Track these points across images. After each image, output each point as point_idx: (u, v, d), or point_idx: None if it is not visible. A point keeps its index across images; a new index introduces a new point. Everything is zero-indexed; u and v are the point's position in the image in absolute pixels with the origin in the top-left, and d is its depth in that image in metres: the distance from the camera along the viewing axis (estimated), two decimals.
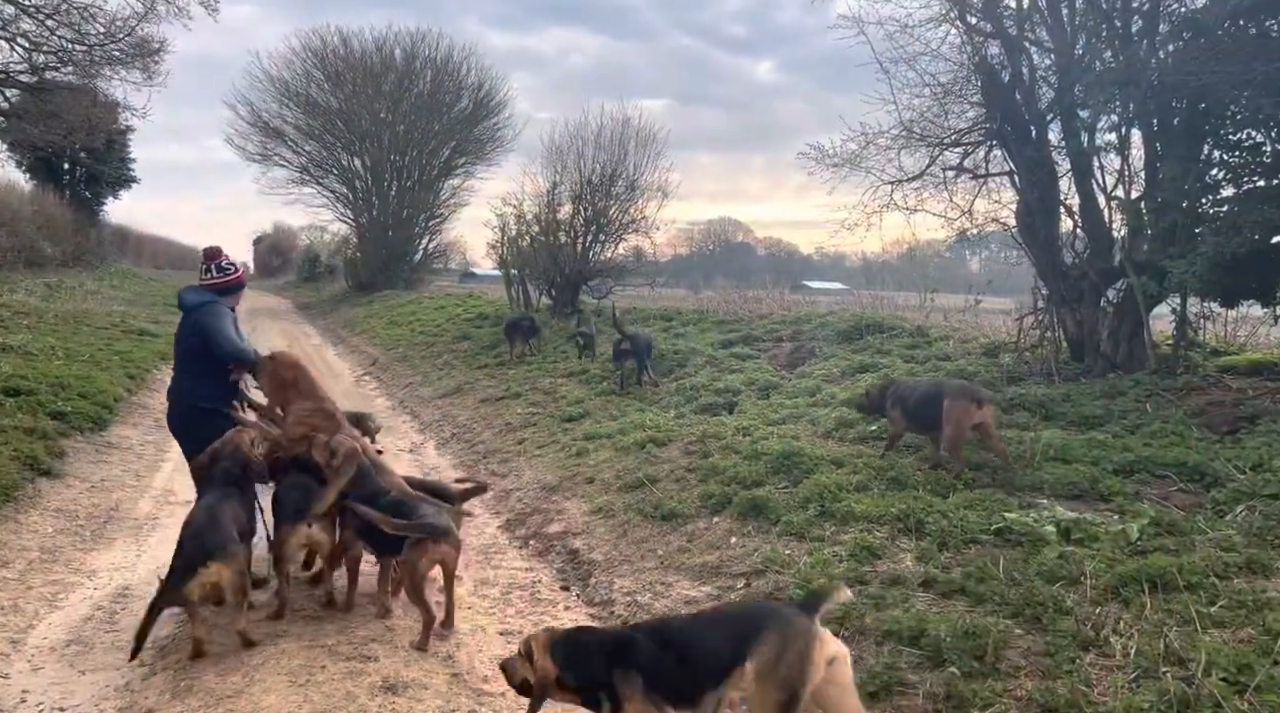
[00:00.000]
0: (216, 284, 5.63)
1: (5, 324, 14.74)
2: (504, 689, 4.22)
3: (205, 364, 5.46)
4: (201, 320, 5.45)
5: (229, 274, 5.67)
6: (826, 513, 5.73)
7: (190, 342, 5.49)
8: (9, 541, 5.89)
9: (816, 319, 13.43)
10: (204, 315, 5.46)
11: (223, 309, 5.55)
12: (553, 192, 19.37)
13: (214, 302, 5.55)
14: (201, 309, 5.50)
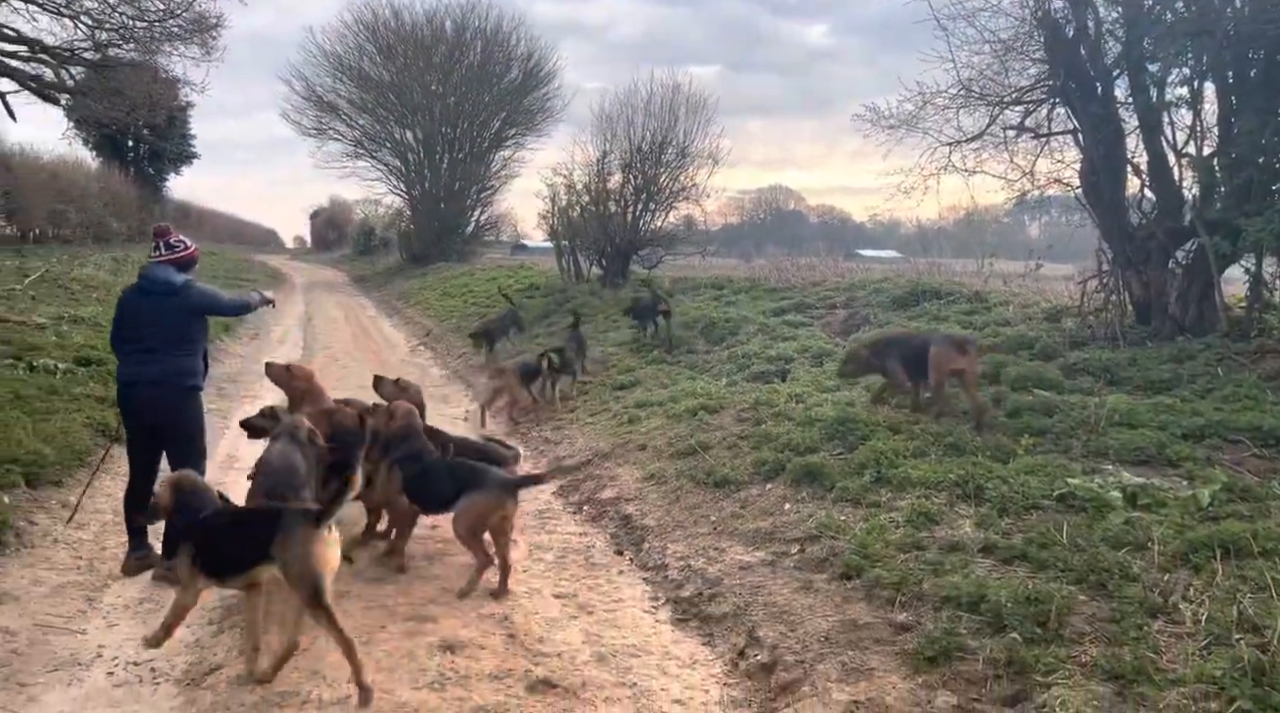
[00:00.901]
0: (176, 259, 5.42)
1: (76, 297, 15.23)
2: (559, 651, 4.27)
3: (196, 344, 5.39)
4: (203, 299, 5.41)
5: (177, 251, 5.43)
6: (882, 479, 5.64)
7: (184, 323, 5.31)
8: (84, 504, 6.07)
9: (871, 286, 13.22)
10: (202, 293, 5.42)
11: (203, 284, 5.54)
12: (602, 160, 19.25)
13: (190, 280, 5.40)
14: (191, 287, 5.37)
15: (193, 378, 5.36)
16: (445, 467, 5.20)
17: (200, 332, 5.43)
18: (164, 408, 5.29)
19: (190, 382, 5.34)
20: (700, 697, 3.92)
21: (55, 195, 25.58)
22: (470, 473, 5.07)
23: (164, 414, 5.30)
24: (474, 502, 4.88)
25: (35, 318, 12.23)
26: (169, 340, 5.24)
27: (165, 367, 5.24)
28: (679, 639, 4.54)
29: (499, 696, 3.71)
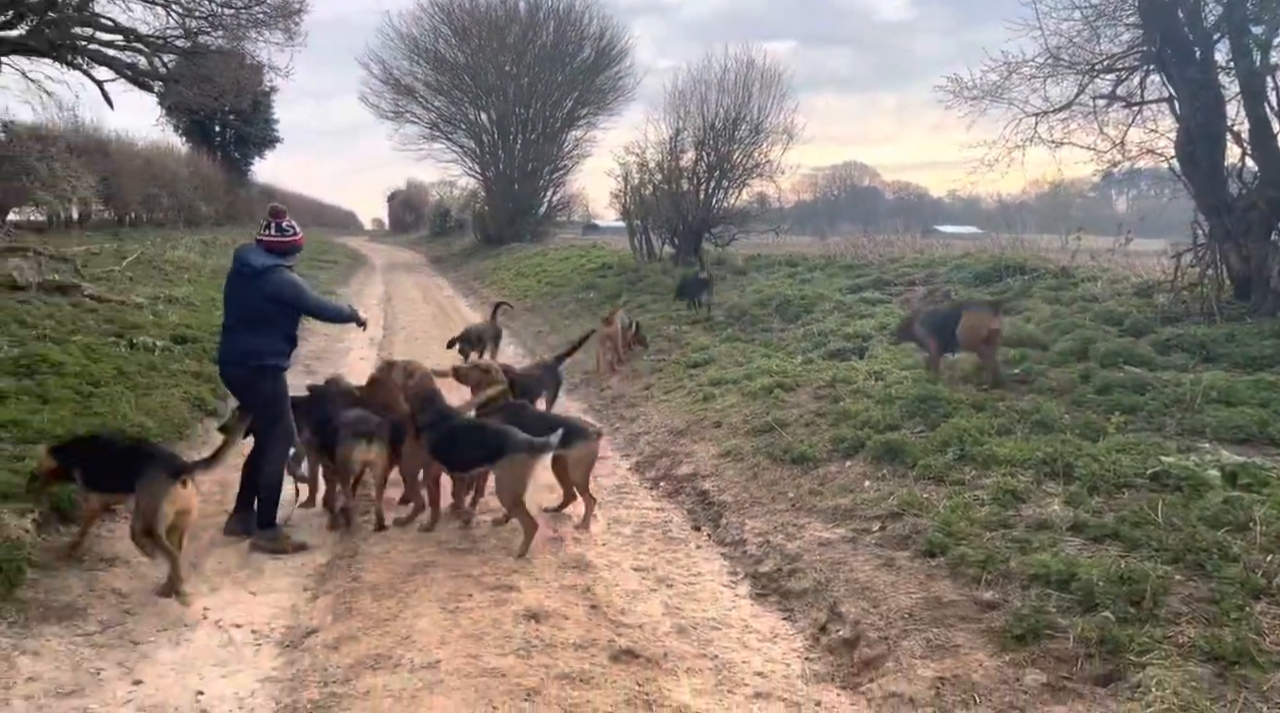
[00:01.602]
0: (276, 243, 5.41)
1: (170, 278, 15.85)
2: (641, 622, 4.33)
3: (272, 324, 5.37)
4: (282, 288, 5.30)
5: (287, 235, 5.45)
6: (966, 457, 5.55)
7: (261, 305, 5.30)
8: None
9: (951, 261, 12.93)
10: (282, 282, 5.31)
11: (290, 272, 5.43)
12: (675, 138, 19.17)
13: (279, 265, 5.37)
14: (274, 273, 5.31)
15: (261, 359, 5.35)
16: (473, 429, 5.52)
17: (281, 315, 5.39)
18: (237, 386, 5.50)
19: (258, 362, 5.34)
20: (782, 670, 3.93)
21: (149, 180, 26.57)
22: (497, 435, 5.30)
23: (239, 392, 5.50)
24: (508, 467, 5.15)
25: (134, 298, 12.77)
26: (244, 320, 5.35)
27: (238, 346, 5.39)
28: (759, 614, 4.56)
29: (583, 664, 3.78)
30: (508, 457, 5.14)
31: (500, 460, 5.16)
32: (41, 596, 4.20)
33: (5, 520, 4.52)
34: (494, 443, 5.23)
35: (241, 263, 5.38)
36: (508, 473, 5.16)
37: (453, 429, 5.42)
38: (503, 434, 5.27)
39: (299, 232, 5.55)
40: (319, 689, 3.58)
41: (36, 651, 3.77)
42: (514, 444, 5.16)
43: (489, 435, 5.33)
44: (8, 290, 11.24)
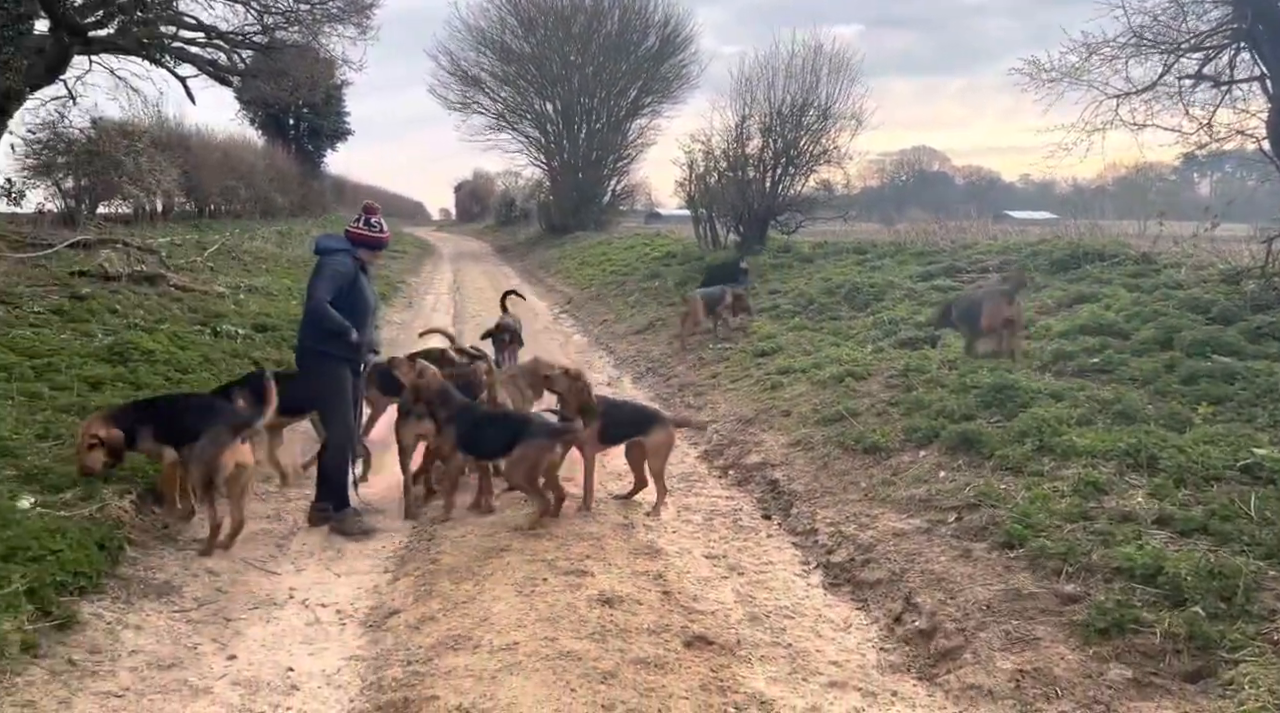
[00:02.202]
0: (360, 235, 5.51)
1: (249, 268, 16.35)
2: (713, 609, 4.35)
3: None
4: (314, 272, 5.39)
5: (375, 231, 5.55)
6: (1045, 447, 5.43)
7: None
8: (268, 458, 6.58)
9: (1026, 248, 12.62)
10: (321, 267, 5.36)
11: (343, 262, 5.39)
12: (741, 125, 19.00)
13: (341, 252, 5.44)
14: (326, 257, 5.40)
15: (311, 341, 5.45)
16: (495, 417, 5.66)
17: (315, 286, 5.36)
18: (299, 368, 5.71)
19: (308, 344, 5.47)
20: (857, 659, 3.92)
21: (227, 173, 27.30)
22: (520, 422, 5.53)
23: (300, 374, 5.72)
24: (527, 450, 5.31)
25: (216, 287, 13.21)
26: (305, 304, 5.49)
27: (301, 330, 5.61)
28: (832, 603, 4.55)
29: (657, 649, 3.82)
30: (527, 441, 5.34)
31: (520, 445, 5.34)
32: (141, 573, 4.40)
33: (106, 501, 4.74)
34: (516, 429, 5.44)
35: (315, 246, 5.63)
36: (527, 456, 5.34)
37: (476, 420, 5.54)
38: (525, 420, 5.57)
39: (385, 230, 5.66)
40: (402, 668, 3.69)
41: (139, 625, 3.96)
42: (535, 430, 5.41)
43: (512, 422, 5.57)
44: (100, 280, 11.70)
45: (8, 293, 9.98)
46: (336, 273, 5.33)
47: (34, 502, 4.63)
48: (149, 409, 5.19)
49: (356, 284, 5.42)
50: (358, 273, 5.44)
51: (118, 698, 3.40)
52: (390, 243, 5.77)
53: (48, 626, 3.63)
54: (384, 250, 5.77)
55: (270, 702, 3.52)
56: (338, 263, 5.37)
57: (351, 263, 5.42)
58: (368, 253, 5.59)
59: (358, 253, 5.50)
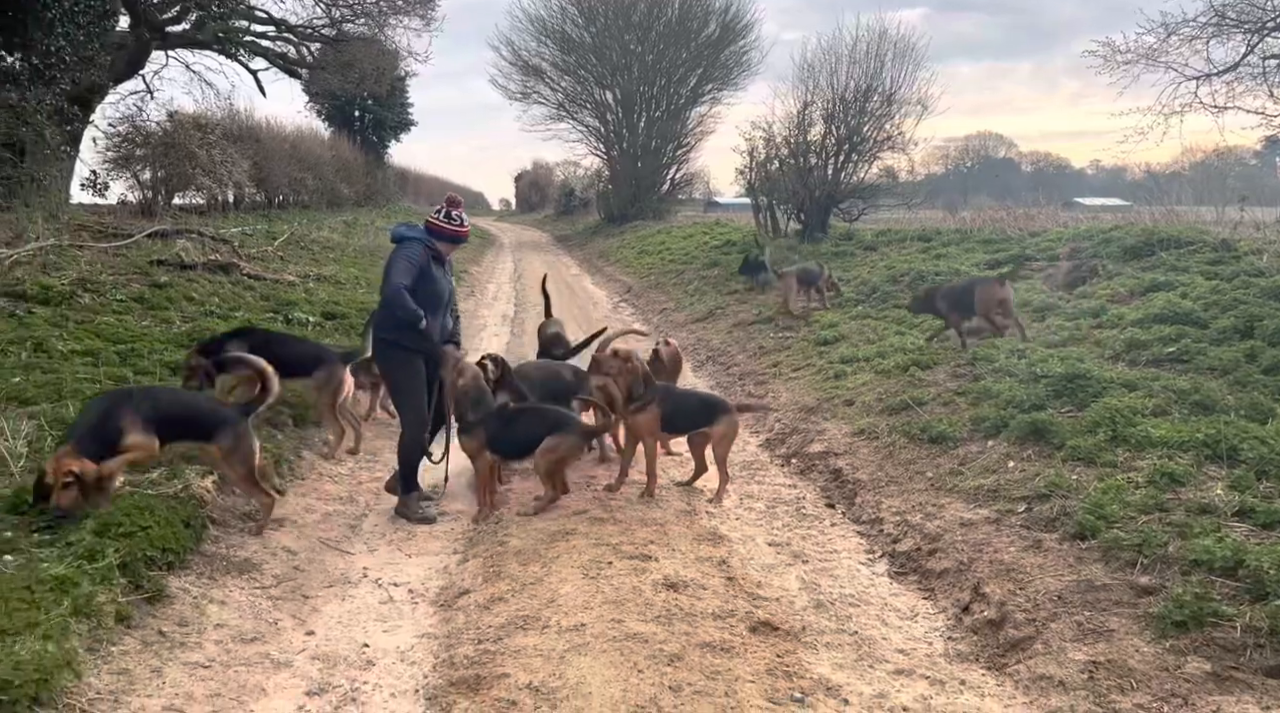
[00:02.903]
0: (439, 227, 5.54)
1: (317, 257, 16.73)
2: (778, 595, 4.37)
3: None
4: (389, 261, 5.47)
5: (454, 224, 5.57)
6: (1118, 438, 5.31)
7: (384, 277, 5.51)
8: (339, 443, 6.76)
9: (1099, 235, 12.30)
10: (395, 255, 5.43)
11: (415, 250, 5.42)
12: (803, 111, 18.86)
13: (416, 241, 5.48)
14: (400, 246, 5.47)
15: (379, 331, 5.60)
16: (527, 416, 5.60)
17: (390, 272, 5.42)
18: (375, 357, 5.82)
19: (380, 334, 5.59)
20: (924, 648, 3.90)
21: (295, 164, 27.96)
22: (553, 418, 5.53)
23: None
24: (558, 443, 5.38)
25: (286, 276, 13.55)
26: (382, 292, 5.54)
27: (376, 321, 5.73)
28: (898, 592, 4.53)
29: (723, 633, 3.85)
30: (559, 435, 5.39)
31: (550, 438, 5.38)
32: (223, 551, 4.56)
33: (190, 480, 4.92)
34: (549, 425, 5.45)
35: (391, 232, 5.69)
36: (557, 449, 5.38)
37: (507, 419, 5.51)
38: (558, 417, 5.54)
39: (465, 224, 5.67)
40: (474, 646, 3.78)
41: (222, 600, 4.12)
42: (566, 426, 5.46)
43: (546, 418, 5.53)
44: (178, 269, 12.10)
45: (93, 281, 10.37)
46: (410, 261, 5.37)
47: (122, 481, 4.83)
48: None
49: (429, 274, 5.45)
50: (429, 262, 5.46)
51: (205, 669, 3.55)
52: (469, 237, 5.76)
53: (139, 598, 3.80)
54: (462, 244, 5.79)
55: (348, 676, 3.64)
56: (410, 251, 5.42)
57: (424, 252, 5.44)
58: (445, 245, 5.61)
59: (434, 243, 5.54)
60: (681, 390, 6.29)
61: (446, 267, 5.74)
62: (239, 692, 3.44)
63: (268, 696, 3.45)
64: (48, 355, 7.35)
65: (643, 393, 5.70)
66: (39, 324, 8.30)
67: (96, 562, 3.75)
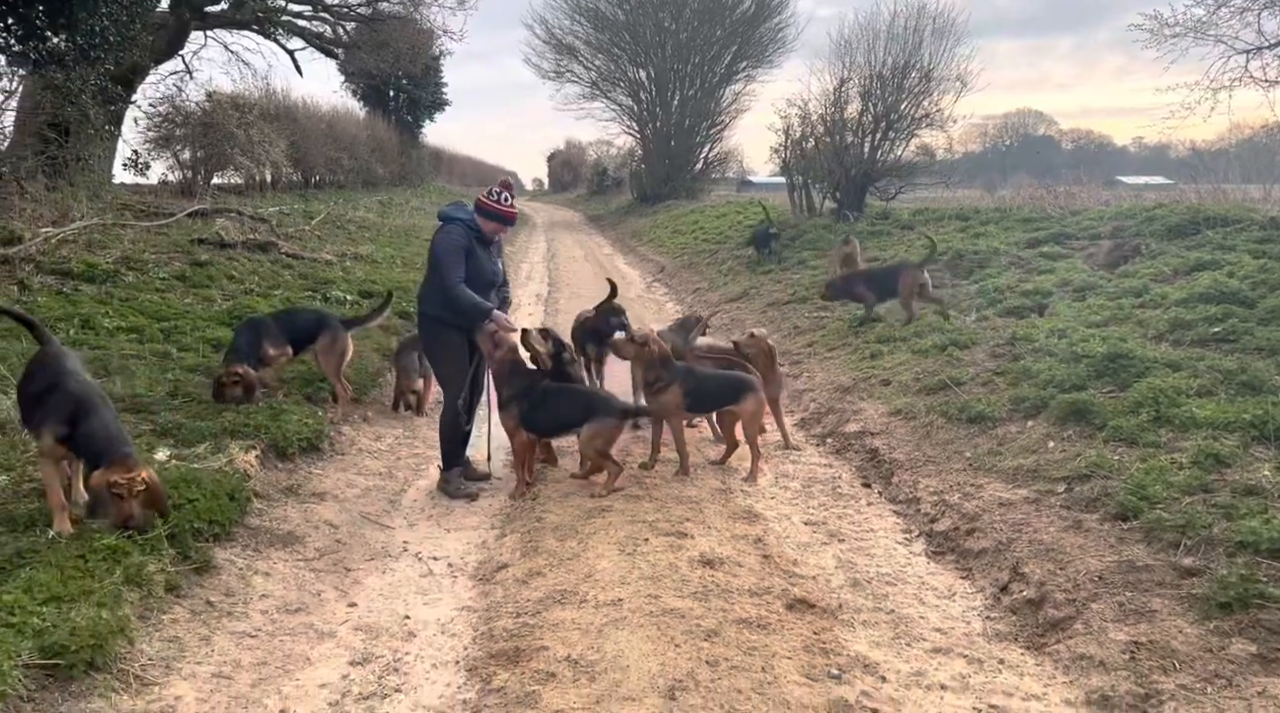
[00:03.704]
0: (490, 207, 5.52)
1: (353, 237, 16.87)
2: (814, 574, 4.37)
3: (435, 272, 5.48)
4: (437, 244, 5.45)
5: (503, 206, 5.54)
6: (1162, 418, 5.23)
7: (431, 254, 5.54)
8: (378, 420, 6.86)
9: (1142, 213, 12.04)
10: (443, 239, 5.42)
11: (456, 234, 5.41)
12: (839, 89, 18.60)
13: (461, 222, 5.47)
14: (447, 225, 5.48)
15: (421, 304, 5.69)
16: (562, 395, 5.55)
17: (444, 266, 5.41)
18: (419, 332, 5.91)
19: (424, 308, 5.67)
20: (961, 627, 3.89)
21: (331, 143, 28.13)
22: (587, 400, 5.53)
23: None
24: (599, 426, 5.35)
25: (324, 255, 13.69)
26: (427, 265, 5.65)
27: (419, 297, 5.76)
28: (935, 571, 4.51)
29: (759, 610, 3.86)
30: (598, 420, 5.36)
31: (590, 425, 5.36)
32: (267, 523, 4.65)
33: (234, 455, 5.02)
34: (584, 407, 5.43)
35: (440, 211, 5.70)
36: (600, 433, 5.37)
37: (540, 397, 5.46)
38: (592, 399, 5.54)
39: (514, 206, 5.64)
40: (512, 620, 3.82)
41: (267, 571, 4.21)
42: (604, 409, 5.43)
43: (580, 399, 5.53)
44: (218, 248, 12.28)
45: (136, 259, 10.56)
46: (455, 250, 5.38)
47: (170, 454, 4.94)
48: None
49: (474, 255, 5.46)
50: (473, 244, 5.46)
51: (251, 638, 3.63)
52: (515, 221, 5.76)
53: (187, 568, 3.89)
54: (510, 226, 5.76)
55: (390, 647, 3.71)
56: (452, 238, 5.40)
57: (465, 232, 5.43)
58: (493, 225, 5.57)
59: (480, 222, 5.52)
60: (705, 370, 6.17)
61: (494, 248, 5.74)
62: (284, 661, 3.52)
63: (312, 665, 3.52)
64: (94, 332, 7.52)
65: (662, 375, 5.71)
66: (85, 301, 8.47)
67: (146, 533, 3.84)
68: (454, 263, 5.37)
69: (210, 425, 5.41)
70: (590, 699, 3.16)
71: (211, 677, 3.31)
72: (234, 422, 5.55)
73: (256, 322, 6.71)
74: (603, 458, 5.44)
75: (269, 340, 6.49)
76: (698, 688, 3.22)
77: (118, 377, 6.13)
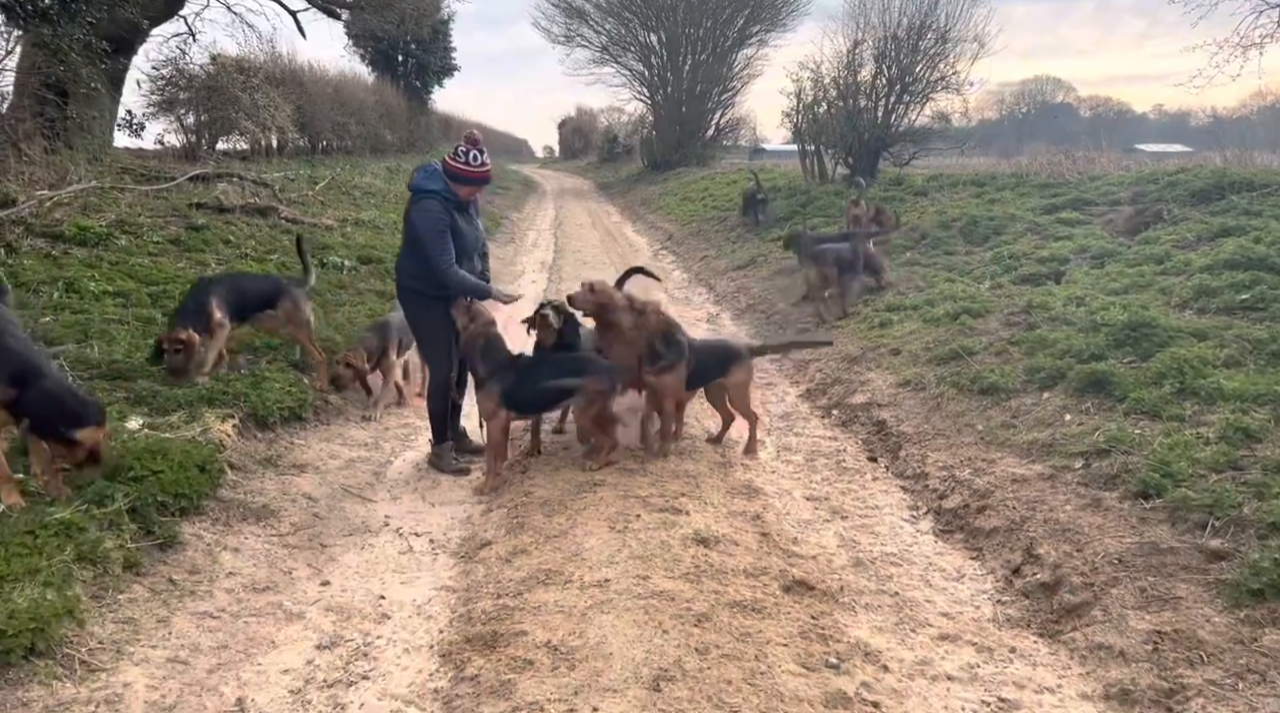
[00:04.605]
0: (460, 171, 5.00)
1: (358, 202, 16.61)
2: (814, 553, 4.13)
3: (414, 246, 5.09)
4: (418, 222, 4.97)
5: (473, 167, 5.00)
6: (1186, 390, 4.94)
7: (408, 225, 5.13)
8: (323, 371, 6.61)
9: (1164, 178, 11.64)
10: (422, 215, 4.95)
11: (432, 209, 4.94)
12: (853, 50, 18.12)
13: (437, 195, 4.98)
14: (423, 200, 4.98)
15: (401, 278, 5.29)
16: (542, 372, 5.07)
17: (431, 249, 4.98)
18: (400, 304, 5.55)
19: (402, 281, 5.29)
20: (970, 612, 3.65)
21: (338, 109, 27.71)
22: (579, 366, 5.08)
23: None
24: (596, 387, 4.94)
25: (325, 220, 13.43)
26: (402, 238, 5.29)
27: (398, 268, 5.35)
28: (943, 551, 4.27)
29: (755, 593, 3.63)
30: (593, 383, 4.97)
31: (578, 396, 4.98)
32: (241, 496, 4.44)
33: (210, 424, 4.80)
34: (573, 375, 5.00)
35: (411, 180, 5.23)
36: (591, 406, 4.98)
37: (523, 371, 5.01)
38: (579, 365, 5.07)
39: (486, 163, 5.08)
40: (492, 601, 3.60)
41: (236, 547, 4.00)
42: (597, 372, 5.03)
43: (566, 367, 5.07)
44: (216, 212, 12.03)
45: (130, 223, 10.32)
46: (438, 226, 4.92)
47: (142, 423, 4.73)
48: None
49: (455, 228, 5.01)
50: (453, 216, 5.01)
51: (214, 619, 3.42)
52: (493, 179, 5.25)
53: (150, 544, 3.68)
54: (486, 185, 5.31)
55: (361, 629, 3.49)
56: (432, 216, 4.94)
57: (441, 207, 4.95)
58: (467, 188, 5.08)
59: (454, 189, 5.03)
60: (701, 341, 5.62)
61: (473, 210, 5.32)
62: (247, 644, 3.31)
63: (276, 648, 3.32)
64: (79, 296, 7.30)
65: (667, 350, 5.13)
66: (74, 265, 8.24)
67: (104, 507, 3.63)
68: (441, 245, 4.93)
69: (187, 393, 5.19)
70: (568, 690, 2.94)
71: (166, 662, 3.10)
72: (213, 390, 5.33)
73: (208, 282, 6.08)
74: (601, 430, 5.06)
75: (218, 305, 5.85)
76: (685, 678, 3.00)
77: (96, 342, 5.91)
